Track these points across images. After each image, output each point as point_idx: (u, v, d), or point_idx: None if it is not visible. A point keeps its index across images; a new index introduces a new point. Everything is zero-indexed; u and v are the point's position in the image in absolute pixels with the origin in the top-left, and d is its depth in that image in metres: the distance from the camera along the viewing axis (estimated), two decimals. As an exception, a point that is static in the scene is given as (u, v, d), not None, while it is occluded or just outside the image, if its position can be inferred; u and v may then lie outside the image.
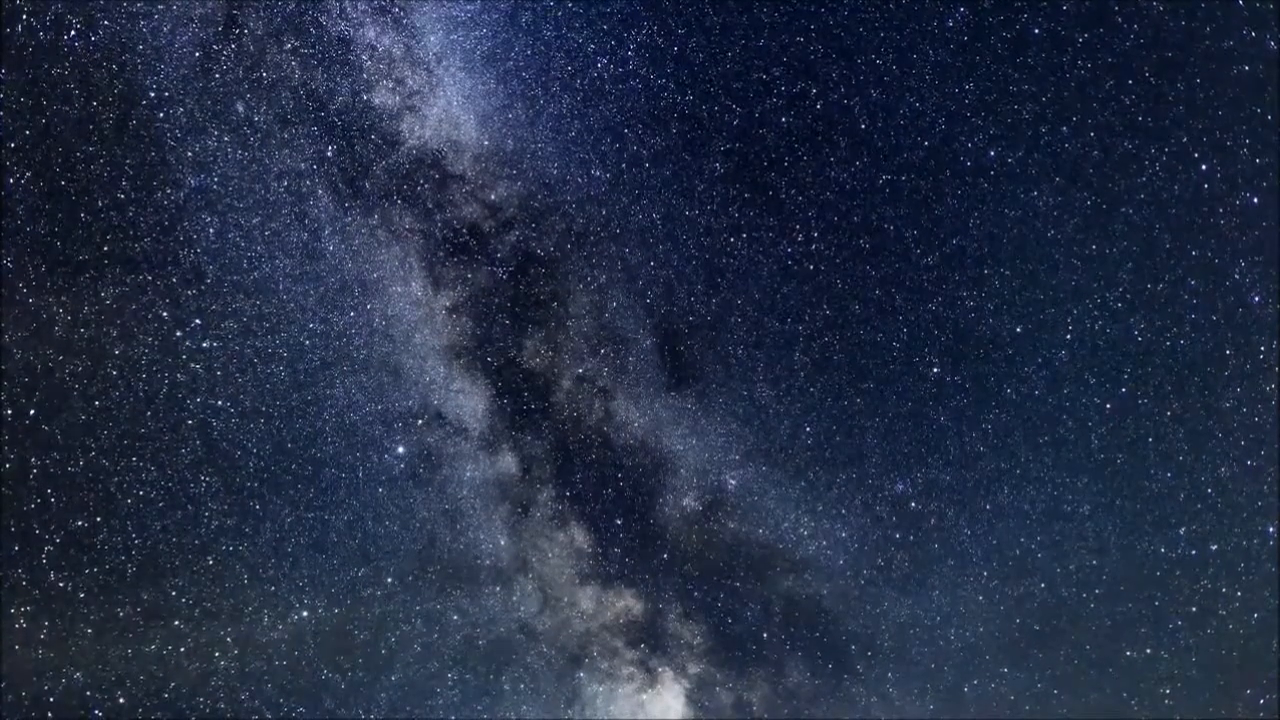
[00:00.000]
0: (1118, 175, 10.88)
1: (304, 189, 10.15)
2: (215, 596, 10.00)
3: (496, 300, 11.00)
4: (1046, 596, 11.46)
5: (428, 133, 10.50)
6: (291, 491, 10.32)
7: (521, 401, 11.20)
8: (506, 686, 11.14)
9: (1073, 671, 11.49)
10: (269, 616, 10.26)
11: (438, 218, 10.71)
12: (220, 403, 9.96)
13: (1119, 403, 11.22)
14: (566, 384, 11.26)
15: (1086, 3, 10.54)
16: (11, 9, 8.75)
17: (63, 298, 9.17)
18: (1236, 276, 10.82)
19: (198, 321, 9.80)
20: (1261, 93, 10.43)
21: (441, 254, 10.79)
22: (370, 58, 10.19)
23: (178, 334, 9.73)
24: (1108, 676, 11.42)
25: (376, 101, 10.28)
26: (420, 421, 10.84)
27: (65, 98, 9.05)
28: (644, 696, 11.58)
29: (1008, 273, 11.17)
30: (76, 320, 9.25)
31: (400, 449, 10.78)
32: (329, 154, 10.19)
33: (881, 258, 11.25)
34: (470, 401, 11.03)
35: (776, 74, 10.84)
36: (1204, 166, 10.72)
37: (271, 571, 10.27)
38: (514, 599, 11.23)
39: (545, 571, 11.33)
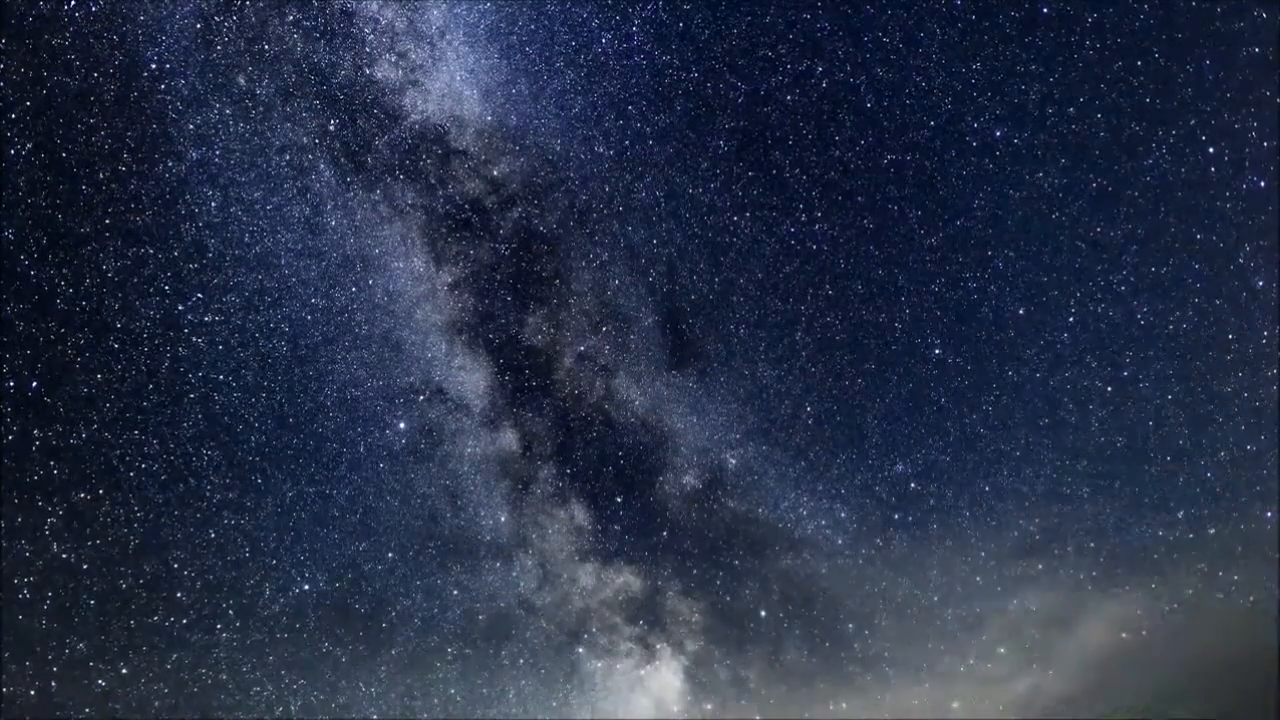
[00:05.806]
0: (1124, 158, 10.84)
1: (306, 163, 10.11)
2: (217, 569, 10.06)
3: (498, 277, 11.00)
4: (1044, 578, 11.53)
5: (430, 107, 10.45)
6: (293, 466, 10.36)
7: (523, 378, 11.22)
8: (506, 661, 11.22)
9: (1069, 653, 11.58)
10: (270, 589, 10.32)
11: (440, 193, 10.68)
12: (222, 377, 9.98)
13: (1120, 386, 11.22)
14: (568, 361, 11.28)
15: (1096, -18, 10.48)
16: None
17: (64, 270, 9.16)
18: (1241, 261, 10.80)
19: (199, 295, 9.80)
20: (1270, 76, 10.35)
21: (444, 230, 10.76)
22: (373, 31, 10.12)
23: (179, 308, 9.73)
24: (1104, 659, 11.48)
25: (379, 75, 10.23)
26: (422, 397, 10.86)
27: (66, 69, 8.99)
28: (642, 672, 11.67)
29: (1011, 254, 11.15)
30: (78, 293, 9.24)
31: (401, 425, 10.81)
32: (331, 128, 10.14)
33: (885, 238, 11.23)
34: (471, 378, 11.05)
35: (782, 51, 10.76)
36: (1210, 150, 10.66)
37: (273, 545, 10.32)
38: (514, 575, 11.30)
39: (545, 548, 11.39)
